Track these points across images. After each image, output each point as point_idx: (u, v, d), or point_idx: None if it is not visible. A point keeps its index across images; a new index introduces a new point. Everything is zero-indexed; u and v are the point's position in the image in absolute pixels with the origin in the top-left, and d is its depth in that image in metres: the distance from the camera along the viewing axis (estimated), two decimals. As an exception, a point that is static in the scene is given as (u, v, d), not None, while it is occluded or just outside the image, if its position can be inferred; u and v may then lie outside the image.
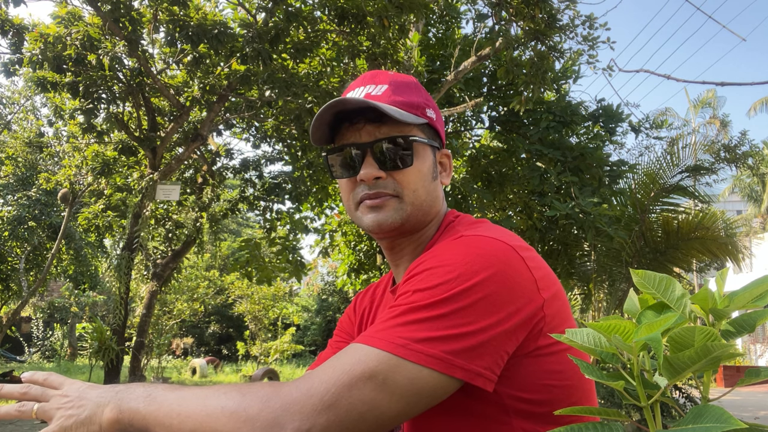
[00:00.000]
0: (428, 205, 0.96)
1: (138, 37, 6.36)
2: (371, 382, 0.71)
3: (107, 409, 0.78)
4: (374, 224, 0.93)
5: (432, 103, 1.00)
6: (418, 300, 0.77)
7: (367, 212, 0.94)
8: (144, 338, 8.31)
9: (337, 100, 0.89)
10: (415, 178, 0.93)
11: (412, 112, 0.94)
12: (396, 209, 0.92)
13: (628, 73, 19.36)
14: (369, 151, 0.92)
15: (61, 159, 10.88)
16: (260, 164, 9.87)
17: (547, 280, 0.84)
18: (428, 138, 0.97)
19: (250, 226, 26.87)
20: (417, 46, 7.46)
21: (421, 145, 0.95)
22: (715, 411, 0.50)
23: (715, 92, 28.40)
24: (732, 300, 0.56)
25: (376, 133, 0.92)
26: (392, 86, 0.96)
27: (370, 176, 0.92)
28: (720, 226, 7.56)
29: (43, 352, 22.95)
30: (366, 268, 9.70)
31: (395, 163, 0.92)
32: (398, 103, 0.94)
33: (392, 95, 0.95)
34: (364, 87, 0.97)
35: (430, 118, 0.97)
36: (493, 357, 0.76)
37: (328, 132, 0.97)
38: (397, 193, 0.93)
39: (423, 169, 0.95)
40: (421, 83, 1.05)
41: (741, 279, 2.24)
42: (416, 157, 0.94)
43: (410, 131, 0.93)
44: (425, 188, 0.95)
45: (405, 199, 0.93)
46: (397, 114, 0.89)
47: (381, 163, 0.92)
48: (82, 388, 0.83)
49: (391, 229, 0.94)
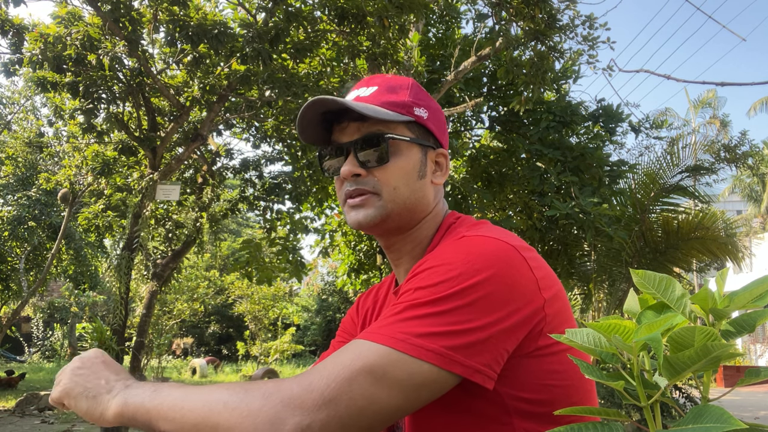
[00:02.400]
0: (412, 203, 0.96)
1: (138, 37, 6.36)
2: (371, 376, 0.71)
3: (114, 401, 0.80)
4: (354, 222, 0.95)
5: (426, 103, 0.99)
6: (420, 297, 0.78)
7: (349, 211, 0.96)
8: (144, 338, 8.30)
9: (316, 98, 0.91)
10: (396, 176, 0.94)
11: (394, 110, 0.94)
12: (375, 207, 0.93)
13: (628, 73, 19.36)
14: (351, 150, 0.94)
15: (61, 159, 10.88)
16: (260, 164, 9.86)
17: (549, 280, 0.85)
18: (415, 136, 0.96)
19: (250, 226, 26.87)
20: (417, 46, 7.45)
21: (405, 143, 0.95)
22: (715, 411, 0.50)
23: (715, 92, 28.42)
24: (732, 300, 0.56)
25: (358, 131, 0.94)
26: (382, 87, 0.98)
27: (348, 173, 0.94)
28: (720, 226, 7.56)
29: (43, 352, 22.96)
30: (366, 268, 9.71)
31: (373, 160, 0.93)
32: (383, 102, 0.95)
33: (379, 96, 0.96)
34: (358, 90, 1.00)
35: (419, 116, 0.96)
36: (493, 355, 0.76)
37: (323, 132, 0.98)
38: (377, 191, 0.94)
39: (405, 167, 0.95)
40: (421, 83, 1.06)
41: (741, 279, 2.24)
42: (396, 154, 0.94)
43: (392, 129, 0.94)
44: (407, 186, 0.95)
45: (384, 196, 0.93)
46: (372, 112, 0.91)
47: (361, 161, 0.93)
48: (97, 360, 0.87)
49: (372, 227, 0.95)
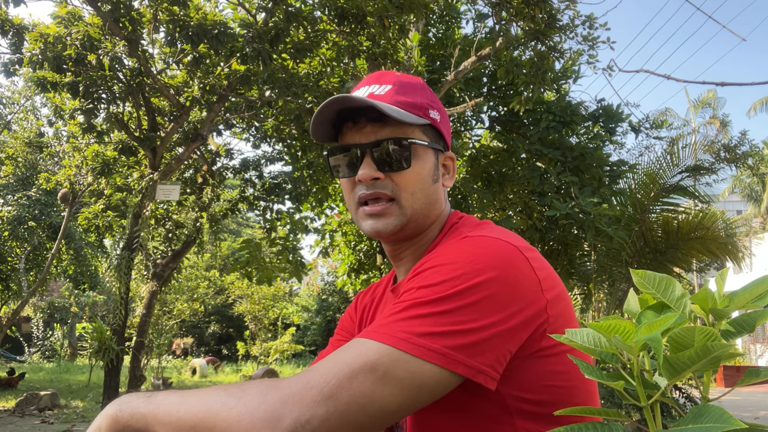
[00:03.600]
0: (427, 209, 0.96)
1: (138, 37, 6.36)
2: (372, 374, 0.71)
3: (108, 409, 0.79)
4: (373, 231, 0.94)
5: (437, 105, 0.99)
6: (422, 296, 0.77)
7: (366, 218, 0.94)
8: (144, 338, 8.30)
9: (339, 96, 0.89)
10: (414, 181, 0.93)
11: (413, 112, 0.93)
12: (396, 216, 0.93)
13: (628, 73, 19.36)
14: (368, 152, 0.92)
15: (61, 159, 10.88)
16: (260, 164, 9.86)
17: (551, 280, 0.85)
18: (430, 140, 0.96)
19: (250, 226, 26.87)
20: (417, 46, 7.45)
21: (422, 148, 0.94)
22: (715, 411, 0.50)
23: (715, 92, 28.42)
24: (732, 300, 0.56)
25: (377, 133, 0.92)
26: (396, 86, 0.96)
27: (367, 177, 0.92)
28: (720, 226, 7.56)
29: (43, 352, 22.97)
30: (366, 268, 9.70)
31: (394, 164, 0.92)
32: (400, 103, 0.93)
33: (395, 95, 0.94)
34: (369, 87, 0.97)
35: (433, 119, 0.96)
36: (495, 355, 0.76)
37: (331, 130, 0.97)
38: (395, 195, 0.92)
39: (422, 172, 0.94)
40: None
41: (741, 279, 2.24)
42: (415, 159, 0.93)
43: (411, 133, 0.93)
44: (424, 191, 0.94)
45: (403, 203, 0.93)
46: (396, 114, 0.89)
47: (379, 164, 0.92)
48: None
49: (390, 235, 0.94)
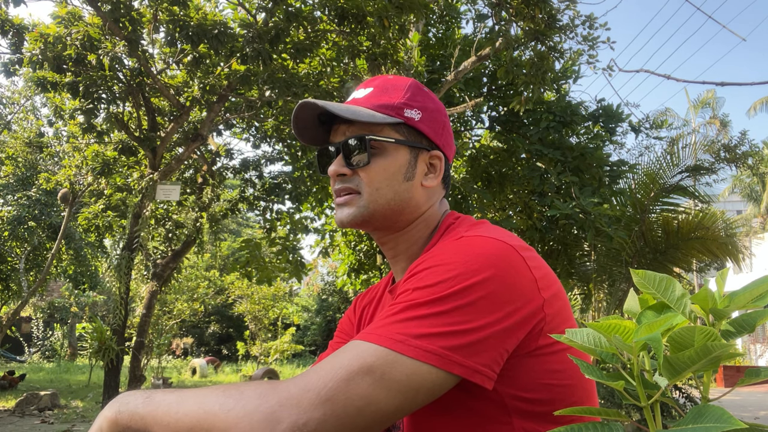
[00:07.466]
0: (397, 204, 0.97)
1: (138, 37, 6.35)
2: (369, 377, 0.71)
3: (107, 411, 0.80)
4: (338, 220, 0.99)
5: (421, 104, 0.99)
6: (418, 297, 0.77)
7: (336, 209, 1.00)
8: (144, 338, 8.30)
9: (301, 102, 0.95)
10: (380, 177, 0.96)
11: (383, 112, 0.96)
12: (357, 206, 0.96)
13: (628, 73, 19.36)
14: (338, 150, 0.98)
15: (61, 159, 10.88)
16: (260, 164, 9.86)
17: (548, 279, 0.85)
18: (404, 138, 0.97)
19: (250, 226, 26.87)
20: (417, 46, 7.46)
21: (392, 145, 0.96)
22: (715, 411, 0.50)
23: (714, 92, 28.44)
24: (732, 300, 0.56)
25: (345, 133, 0.97)
26: (377, 89, 1.00)
27: (333, 172, 0.98)
28: (720, 226, 7.57)
29: (43, 352, 22.99)
30: (366, 268, 9.70)
31: (355, 161, 0.96)
32: (373, 104, 0.97)
33: (371, 98, 0.99)
34: (357, 91, 1.03)
35: (409, 118, 0.97)
36: (492, 355, 0.76)
37: (323, 133, 1.02)
38: (360, 190, 0.96)
39: (390, 168, 0.96)
40: (421, 83, 1.06)
41: (741, 279, 2.24)
42: (380, 155, 0.96)
43: (376, 131, 0.96)
44: (391, 187, 0.96)
45: (365, 197, 0.96)
46: (350, 114, 0.93)
47: (348, 161, 0.96)
48: None
49: (353, 225, 0.98)
